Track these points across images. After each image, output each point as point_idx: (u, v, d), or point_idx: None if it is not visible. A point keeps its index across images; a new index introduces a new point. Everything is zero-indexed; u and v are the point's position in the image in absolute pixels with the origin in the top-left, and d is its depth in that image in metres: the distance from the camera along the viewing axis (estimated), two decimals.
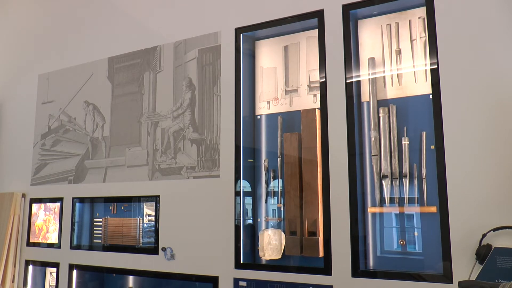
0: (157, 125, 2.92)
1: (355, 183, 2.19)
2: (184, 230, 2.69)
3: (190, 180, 2.71)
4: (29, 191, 3.56)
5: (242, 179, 2.53)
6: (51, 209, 3.39)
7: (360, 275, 2.13)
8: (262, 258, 2.44)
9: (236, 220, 2.50)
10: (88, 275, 3.24)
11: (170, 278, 2.75)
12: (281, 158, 2.49)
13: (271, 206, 2.54)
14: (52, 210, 3.38)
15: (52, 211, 3.38)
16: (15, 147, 3.72)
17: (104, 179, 3.12)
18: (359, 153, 2.24)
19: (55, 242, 3.32)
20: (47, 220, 3.40)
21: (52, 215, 3.38)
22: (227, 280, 2.49)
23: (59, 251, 3.27)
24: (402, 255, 2.14)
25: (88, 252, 3.14)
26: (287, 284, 2.32)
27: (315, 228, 2.29)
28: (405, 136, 2.16)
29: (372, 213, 2.22)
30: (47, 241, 3.37)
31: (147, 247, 2.87)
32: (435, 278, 1.97)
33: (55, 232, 3.33)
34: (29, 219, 3.50)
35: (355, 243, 2.16)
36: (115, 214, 3.12)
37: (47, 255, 3.34)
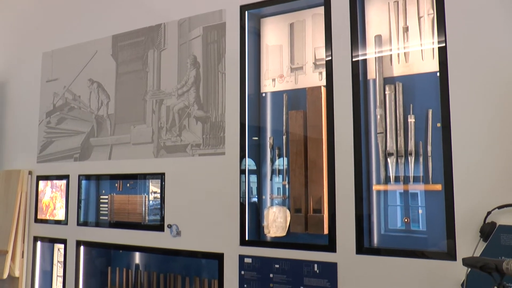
0: (161, 103, 2.90)
1: (360, 161, 2.18)
2: (189, 208, 2.70)
3: (195, 158, 2.70)
4: (35, 169, 3.56)
5: (247, 157, 2.52)
6: (58, 186, 3.40)
7: (365, 252, 2.14)
8: (267, 236, 2.44)
9: (241, 198, 2.50)
10: (95, 252, 3.27)
11: (176, 255, 2.78)
12: (286, 136, 2.48)
13: (276, 184, 2.53)
14: (58, 187, 3.39)
15: (59, 188, 3.39)
16: (21, 125, 3.72)
17: (110, 156, 3.11)
18: (365, 131, 2.22)
19: (62, 219, 3.34)
20: (54, 197, 3.41)
21: (58, 192, 3.39)
22: (233, 257, 2.51)
23: (66, 227, 3.29)
24: (406, 233, 2.14)
25: (94, 229, 3.16)
26: (291, 261, 2.33)
27: (320, 205, 2.29)
28: (411, 114, 2.13)
29: (377, 191, 2.21)
30: (54, 218, 3.39)
31: (153, 224, 2.88)
32: (438, 255, 1.98)
33: (62, 209, 3.34)
34: (36, 196, 3.51)
35: (359, 220, 2.16)
36: (121, 191, 3.13)
37: (54, 232, 3.37)
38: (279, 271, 2.36)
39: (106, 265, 3.33)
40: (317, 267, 2.25)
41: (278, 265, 2.36)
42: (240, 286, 2.47)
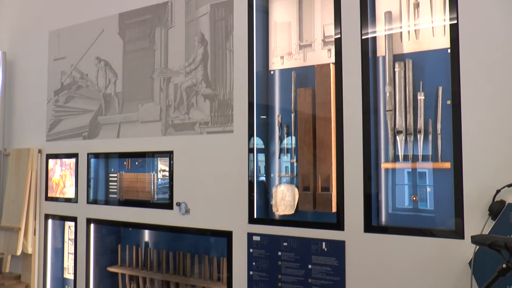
0: (169, 81, 2.90)
1: (369, 139, 2.18)
2: (198, 186, 2.73)
3: (204, 136, 2.72)
4: (45, 147, 3.60)
5: (255, 136, 2.53)
6: (67, 165, 3.44)
7: (373, 231, 2.16)
8: (276, 214, 2.47)
9: (250, 176, 2.52)
10: (105, 229, 3.33)
11: (185, 233, 2.81)
12: (294, 114, 2.48)
13: (284, 163, 2.54)
14: (68, 165, 3.44)
15: (68, 166, 3.43)
16: (30, 103, 3.75)
17: (118, 134, 3.14)
18: (374, 109, 2.22)
19: (72, 197, 3.39)
20: (64, 175, 3.46)
21: (68, 170, 3.43)
22: (241, 235, 2.54)
23: (76, 205, 3.34)
24: (414, 212, 2.15)
25: (104, 207, 3.21)
26: (300, 239, 2.35)
27: (328, 183, 2.30)
28: (421, 91, 2.12)
29: (385, 169, 2.21)
30: (64, 195, 3.45)
31: (161, 202, 2.92)
32: (446, 233, 1.99)
33: (72, 187, 3.39)
34: (46, 175, 3.56)
35: (368, 198, 2.17)
36: (130, 169, 3.16)
37: (65, 210, 3.42)
38: (287, 249, 2.39)
39: (116, 243, 3.38)
40: (325, 245, 2.28)
41: (286, 243, 2.39)
42: (249, 263, 2.51)
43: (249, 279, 2.51)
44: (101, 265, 3.33)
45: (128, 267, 3.29)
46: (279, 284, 2.41)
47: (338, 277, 2.23)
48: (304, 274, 2.33)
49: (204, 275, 2.91)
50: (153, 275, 3.15)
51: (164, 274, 3.10)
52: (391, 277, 2.09)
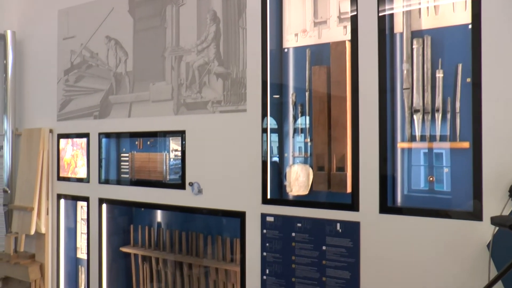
0: (181, 60, 2.89)
1: (385, 118, 2.16)
2: (211, 165, 2.73)
3: (216, 115, 2.71)
4: (56, 127, 3.63)
5: (268, 115, 2.51)
6: (78, 144, 3.46)
7: (388, 212, 2.15)
8: (289, 194, 2.47)
9: (263, 156, 2.51)
10: (117, 210, 3.36)
11: (197, 213, 2.83)
12: (309, 93, 2.45)
13: (298, 143, 2.53)
14: (79, 145, 3.46)
15: (79, 146, 3.46)
16: (40, 83, 3.77)
17: (129, 114, 3.15)
18: (390, 87, 2.19)
19: (84, 177, 3.42)
20: (75, 155, 3.49)
21: (79, 150, 3.46)
22: (254, 215, 2.55)
23: (88, 185, 3.37)
24: (430, 194, 2.13)
25: (116, 187, 3.23)
26: (314, 220, 2.36)
27: (343, 163, 2.29)
28: (440, 69, 2.08)
29: (401, 149, 2.19)
30: (76, 175, 3.48)
31: (174, 182, 2.93)
32: (464, 215, 1.97)
33: (84, 167, 3.42)
34: (58, 154, 3.60)
35: (383, 179, 2.16)
36: (141, 149, 3.18)
37: (77, 190, 3.46)
38: (301, 230, 2.39)
39: (128, 223, 3.42)
40: (340, 226, 2.28)
41: (300, 224, 2.40)
42: (262, 244, 2.52)
43: (262, 260, 2.52)
44: (113, 245, 3.37)
45: (140, 248, 3.33)
46: (292, 266, 2.42)
47: (352, 259, 2.24)
48: (318, 256, 2.34)
49: (217, 256, 2.94)
50: (165, 255, 3.19)
51: (176, 254, 3.13)
52: (406, 259, 2.09)
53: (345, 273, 2.26)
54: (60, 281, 3.60)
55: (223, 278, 2.92)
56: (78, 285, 3.68)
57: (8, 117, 3.77)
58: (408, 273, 2.09)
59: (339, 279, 2.28)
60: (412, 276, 2.08)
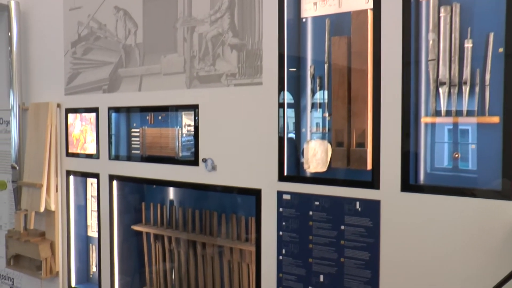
0: (193, 31, 2.88)
1: (409, 92, 2.13)
2: (225, 141, 2.75)
3: (231, 88, 2.71)
4: (63, 101, 3.67)
5: (285, 89, 2.50)
6: (87, 119, 3.50)
7: (410, 190, 2.13)
8: (307, 171, 2.47)
9: (280, 132, 2.51)
10: (128, 187, 3.41)
11: (211, 191, 2.86)
12: (328, 65, 2.44)
13: (315, 119, 2.52)
14: (88, 120, 3.49)
15: (88, 121, 3.49)
16: (46, 56, 3.79)
17: (140, 88, 3.16)
18: (415, 59, 2.16)
19: (93, 153, 3.46)
20: (84, 131, 3.53)
21: (88, 125, 3.49)
22: (270, 193, 2.57)
23: (98, 161, 3.42)
24: (454, 172, 2.11)
25: (127, 163, 3.27)
26: (332, 198, 2.36)
27: (363, 139, 2.29)
28: (469, 38, 2.04)
29: (425, 125, 2.17)
30: (86, 151, 3.52)
31: (187, 158, 2.95)
32: (491, 194, 1.95)
33: (93, 142, 3.46)
34: (66, 130, 3.64)
35: (405, 155, 2.14)
36: (153, 124, 3.20)
37: (86, 166, 3.51)
38: (319, 208, 2.40)
39: (140, 201, 3.47)
40: (359, 204, 2.28)
41: (318, 202, 2.41)
42: (279, 223, 2.54)
43: (278, 239, 2.55)
44: (125, 223, 3.43)
45: (152, 226, 3.39)
46: (310, 246, 2.44)
47: (372, 239, 2.24)
48: (336, 235, 2.36)
49: (232, 235, 2.97)
50: (178, 234, 3.24)
51: (189, 233, 3.18)
52: (429, 240, 2.09)
53: (364, 253, 2.27)
54: (71, 259, 3.68)
55: (238, 258, 2.97)
56: (89, 263, 3.76)
57: (14, 91, 3.81)
58: (431, 254, 2.09)
59: (358, 260, 2.29)
60: (435, 257, 2.08)
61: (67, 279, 3.71)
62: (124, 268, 3.44)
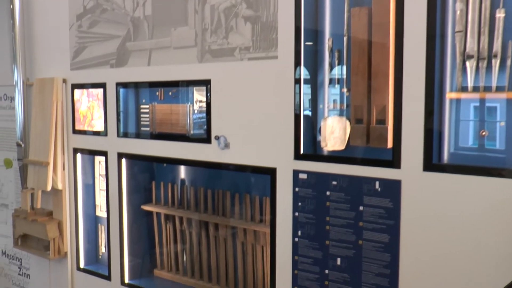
0: (205, 2, 2.86)
1: (433, 66, 2.09)
2: (238, 118, 2.74)
3: (245, 62, 2.69)
4: (69, 76, 3.67)
5: (302, 63, 2.48)
6: (94, 95, 3.51)
7: (433, 169, 2.11)
8: (324, 149, 2.46)
9: (296, 110, 2.50)
10: (138, 166, 3.43)
11: (224, 169, 2.87)
12: (347, 38, 2.41)
13: (333, 96, 2.51)
14: (95, 96, 3.50)
15: (96, 97, 3.50)
16: (50, 30, 3.79)
17: (149, 62, 3.15)
18: (440, 30, 2.11)
19: (101, 130, 3.48)
20: (91, 107, 3.54)
21: (95, 101, 3.50)
22: (286, 172, 2.57)
23: (106, 139, 3.44)
24: (480, 152, 2.08)
25: (136, 141, 3.28)
26: (350, 177, 2.36)
27: (384, 116, 2.27)
28: (501, 7, 1.99)
29: (450, 101, 2.14)
30: (93, 128, 3.54)
31: (198, 135, 2.96)
32: None
33: (100, 119, 3.47)
34: (73, 106, 3.65)
35: (428, 133, 2.12)
36: (163, 100, 3.20)
37: (94, 144, 3.53)
38: (337, 188, 2.40)
39: (150, 180, 3.49)
40: (379, 184, 2.28)
41: (335, 181, 2.40)
42: (294, 204, 2.55)
43: (294, 221, 2.56)
44: (134, 203, 3.46)
45: (163, 206, 3.41)
46: (326, 227, 2.45)
47: (392, 221, 2.24)
48: (354, 217, 2.36)
49: (245, 216, 2.99)
50: (190, 214, 3.26)
51: (201, 214, 3.20)
52: (452, 222, 2.08)
53: (383, 236, 2.27)
54: (79, 239, 3.73)
55: (252, 239, 2.99)
56: (98, 244, 3.82)
57: (18, 67, 3.82)
58: (454, 236, 2.08)
59: (377, 243, 2.29)
60: (458, 240, 2.07)
61: (75, 260, 3.77)
62: (134, 249, 3.49)
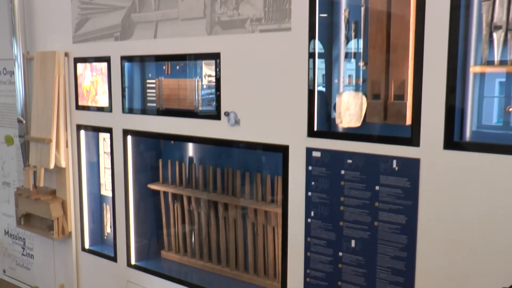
0: None
1: (457, 38, 2.06)
2: (249, 93, 2.73)
3: (256, 35, 2.68)
4: (71, 50, 3.67)
5: (317, 36, 2.46)
6: (98, 70, 3.51)
7: (455, 147, 2.09)
8: (339, 126, 2.46)
9: (310, 84, 2.49)
10: (144, 143, 3.44)
11: (234, 147, 2.88)
12: (365, 8, 2.38)
13: (348, 71, 2.49)
14: (99, 70, 3.50)
15: (99, 71, 3.50)
16: (51, 0, 3.77)
17: (155, 35, 3.14)
18: (465, 3, 2.07)
19: (105, 105, 3.49)
20: (95, 82, 3.54)
21: (99, 76, 3.51)
22: (299, 149, 2.56)
23: (111, 115, 3.45)
24: (505, 131, 2.07)
25: (142, 117, 3.29)
26: (366, 156, 2.35)
27: (402, 91, 2.25)
28: None
29: (474, 75, 2.12)
30: (97, 104, 3.55)
31: (207, 111, 2.96)
32: None
33: (105, 94, 3.48)
34: (76, 81, 3.66)
35: (450, 109, 2.10)
36: (170, 75, 3.20)
37: (98, 120, 3.55)
38: (352, 167, 2.40)
39: (157, 158, 3.51)
40: (396, 163, 2.27)
41: (350, 160, 2.40)
42: (307, 183, 2.55)
43: (307, 201, 2.57)
44: (141, 182, 3.48)
45: (170, 185, 3.44)
46: (341, 208, 2.45)
47: (410, 201, 2.24)
48: (370, 197, 2.36)
49: (256, 196, 3.00)
50: (198, 194, 3.28)
51: (210, 193, 3.22)
52: (474, 202, 2.07)
53: (400, 217, 2.27)
54: (84, 219, 3.77)
55: (263, 220, 3.01)
56: (103, 224, 3.86)
57: (18, 40, 3.82)
58: (475, 218, 2.07)
59: (393, 224, 2.30)
60: (480, 222, 2.06)
61: (80, 241, 3.82)
62: (141, 230, 3.52)
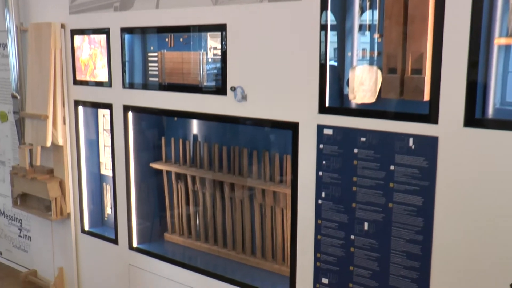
0: None
1: (481, 8, 2.02)
2: (257, 67, 2.71)
3: (264, 5, 2.64)
4: (68, 21, 3.65)
5: (329, 7, 2.43)
6: (97, 42, 3.49)
7: (476, 125, 2.07)
8: (352, 102, 2.44)
9: (321, 58, 2.46)
10: (146, 120, 3.44)
11: (240, 124, 2.87)
12: None
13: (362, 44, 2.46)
14: (97, 43, 3.48)
15: (98, 44, 3.48)
16: None
17: (157, 5, 3.11)
18: None
19: (105, 80, 3.47)
20: (93, 55, 3.53)
21: (98, 48, 3.49)
22: (310, 126, 2.55)
23: (111, 90, 3.44)
24: None
25: (143, 92, 3.29)
26: (381, 133, 2.34)
27: (420, 65, 2.22)
28: None
29: (498, 47, 2.09)
30: (96, 79, 3.54)
31: (212, 86, 2.95)
32: None
33: (104, 68, 3.46)
34: (73, 54, 3.64)
35: (471, 85, 2.07)
36: (173, 47, 3.18)
37: (97, 95, 3.54)
38: (365, 145, 2.39)
39: (159, 136, 3.51)
40: (413, 141, 2.25)
41: (364, 138, 2.39)
42: (318, 162, 2.54)
43: (317, 181, 2.56)
44: (142, 160, 3.49)
45: (174, 164, 3.44)
46: (353, 188, 2.45)
47: (427, 182, 2.22)
48: (384, 177, 2.35)
49: (264, 176, 3.00)
50: (203, 173, 3.28)
51: (216, 173, 3.22)
52: (495, 183, 2.05)
53: (416, 198, 2.26)
54: (83, 199, 3.79)
55: (271, 201, 3.01)
56: (103, 204, 3.88)
57: (10, 10, 3.80)
58: (496, 199, 2.05)
59: (408, 206, 2.29)
60: (501, 204, 2.05)
61: (79, 222, 3.84)
62: (143, 211, 3.54)
